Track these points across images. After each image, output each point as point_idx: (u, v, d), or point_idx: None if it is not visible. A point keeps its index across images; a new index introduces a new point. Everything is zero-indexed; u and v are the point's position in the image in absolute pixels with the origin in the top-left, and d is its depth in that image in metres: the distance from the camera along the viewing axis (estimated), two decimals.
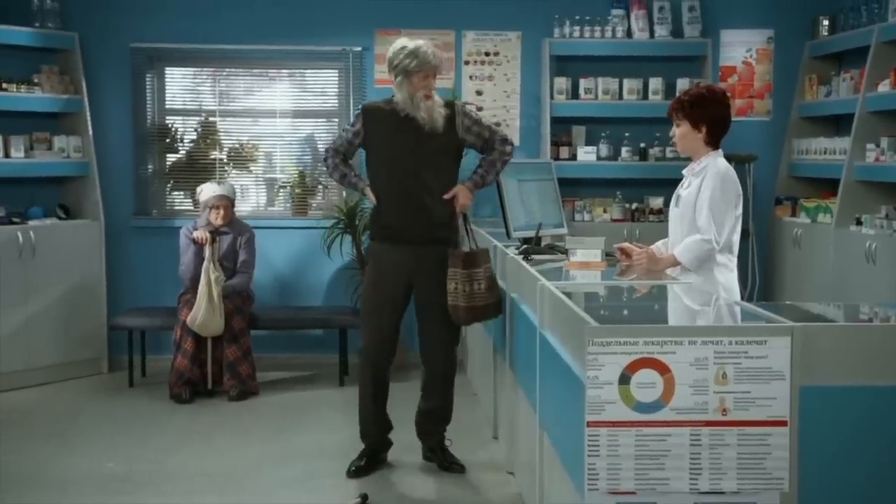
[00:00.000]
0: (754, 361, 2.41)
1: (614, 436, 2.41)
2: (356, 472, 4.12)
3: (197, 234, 5.48)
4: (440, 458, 4.21)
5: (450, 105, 4.09)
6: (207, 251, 5.40)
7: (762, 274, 6.23)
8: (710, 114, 3.56)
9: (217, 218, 5.55)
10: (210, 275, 5.34)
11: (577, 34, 6.15)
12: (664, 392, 2.41)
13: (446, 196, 4.04)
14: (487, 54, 6.35)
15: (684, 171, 3.71)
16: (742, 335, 2.42)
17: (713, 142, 3.60)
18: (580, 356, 2.48)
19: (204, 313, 5.29)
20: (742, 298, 5.81)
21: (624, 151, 6.17)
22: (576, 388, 2.51)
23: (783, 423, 2.42)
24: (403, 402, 4.41)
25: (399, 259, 4.04)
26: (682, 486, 2.42)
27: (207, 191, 5.61)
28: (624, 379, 2.40)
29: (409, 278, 4.08)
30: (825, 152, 5.80)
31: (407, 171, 4.00)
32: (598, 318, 2.55)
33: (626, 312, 3.24)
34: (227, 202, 5.59)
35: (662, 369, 2.41)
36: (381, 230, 4.11)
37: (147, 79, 6.28)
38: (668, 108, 3.65)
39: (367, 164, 4.19)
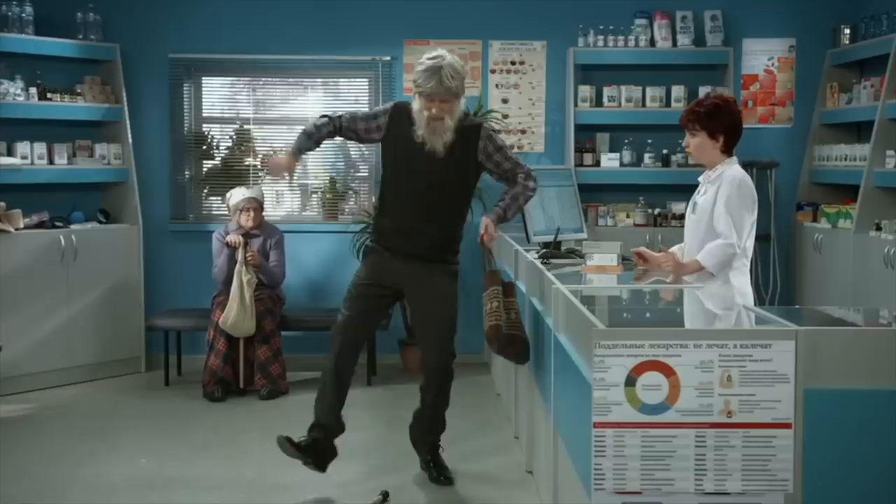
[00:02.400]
0: (759, 364, 2.44)
1: (620, 437, 2.45)
2: (298, 445, 3.96)
3: (230, 238, 5.63)
4: (430, 470, 4.11)
5: (475, 127, 3.92)
6: (240, 254, 5.58)
7: (783, 278, 6.28)
8: (726, 123, 3.63)
9: (247, 220, 5.70)
10: (242, 277, 5.51)
11: (601, 43, 6.25)
12: (670, 394, 2.45)
13: (481, 237, 3.91)
14: (513, 63, 6.47)
15: (700, 178, 3.78)
16: (747, 339, 2.45)
17: (728, 150, 3.68)
18: (588, 358, 2.55)
19: (236, 314, 5.45)
20: (763, 302, 5.93)
21: (647, 158, 6.26)
22: (584, 389, 2.59)
23: (788, 426, 2.44)
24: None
25: (393, 265, 3.97)
26: (687, 487, 2.46)
27: (237, 194, 5.76)
28: (630, 381, 2.44)
29: (400, 283, 4.00)
30: (845, 159, 5.85)
31: (419, 188, 3.89)
32: (607, 322, 2.63)
33: (635, 316, 3.30)
34: (257, 204, 5.74)
35: (668, 372, 2.45)
36: (381, 237, 4.04)
37: (184, 88, 6.48)
38: (682, 119, 3.69)
39: (382, 163, 4.08)
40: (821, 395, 2.45)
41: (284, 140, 6.60)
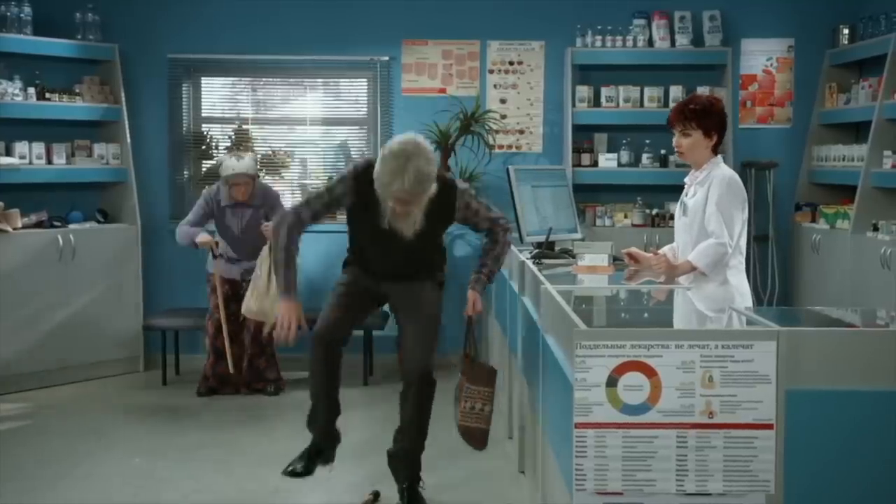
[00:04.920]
0: (740, 365, 2.44)
1: (602, 437, 2.45)
2: (291, 473, 3.82)
3: (199, 240, 5.44)
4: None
5: (450, 193, 3.65)
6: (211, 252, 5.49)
7: (782, 279, 6.26)
8: (718, 121, 3.62)
9: (238, 194, 5.42)
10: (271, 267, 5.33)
11: (599, 43, 6.24)
12: (651, 395, 2.45)
13: (467, 312, 3.78)
14: (511, 63, 6.47)
15: (686, 180, 3.76)
16: (728, 339, 2.45)
17: (716, 149, 3.67)
18: (571, 358, 2.54)
19: (258, 300, 5.26)
20: (762, 303, 5.91)
21: (644, 158, 6.26)
22: (566, 389, 2.59)
23: (769, 427, 2.44)
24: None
25: (378, 279, 3.84)
26: (668, 488, 2.45)
27: (227, 167, 5.38)
28: (611, 381, 2.44)
29: (385, 294, 3.87)
30: (843, 159, 5.84)
31: (388, 252, 3.71)
32: (589, 322, 2.62)
33: (621, 316, 3.30)
34: (248, 179, 5.38)
35: (649, 372, 2.45)
36: (360, 261, 3.86)
37: (183, 88, 6.50)
38: (672, 119, 3.65)
39: (348, 222, 3.82)
40: (802, 395, 2.44)
41: (284, 140, 6.63)
